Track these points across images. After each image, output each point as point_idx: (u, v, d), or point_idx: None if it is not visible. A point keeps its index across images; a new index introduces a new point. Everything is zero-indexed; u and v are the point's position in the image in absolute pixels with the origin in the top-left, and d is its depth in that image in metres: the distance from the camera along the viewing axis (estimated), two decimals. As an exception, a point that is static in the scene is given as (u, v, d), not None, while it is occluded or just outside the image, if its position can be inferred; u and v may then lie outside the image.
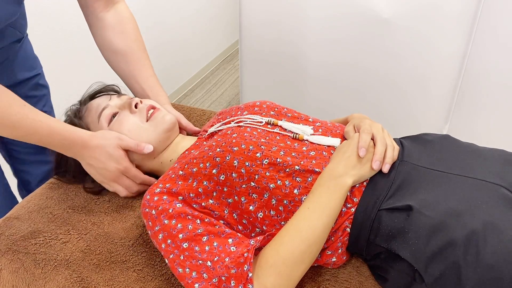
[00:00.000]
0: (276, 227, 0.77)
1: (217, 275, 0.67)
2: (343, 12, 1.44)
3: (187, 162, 0.82)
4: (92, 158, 0.88)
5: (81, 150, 0.87)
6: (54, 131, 0.83)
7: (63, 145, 0.85)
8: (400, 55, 1.44)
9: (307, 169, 0.77)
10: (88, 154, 0.88)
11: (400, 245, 0.69)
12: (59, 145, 0.85)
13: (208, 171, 0.78)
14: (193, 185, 0.78)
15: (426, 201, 0.71)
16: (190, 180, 0.79)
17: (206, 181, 0.78)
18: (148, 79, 1.03)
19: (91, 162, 0.89)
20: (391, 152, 0.79)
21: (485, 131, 1.59)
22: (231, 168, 0.77)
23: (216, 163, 0.78)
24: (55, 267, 0.80)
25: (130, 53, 1.02)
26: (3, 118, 0.78)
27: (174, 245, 0.72)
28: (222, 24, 3.20)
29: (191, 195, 0.78)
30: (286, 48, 1.61)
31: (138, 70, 1.03)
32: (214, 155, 0.79)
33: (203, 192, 0.77)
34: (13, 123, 0.79)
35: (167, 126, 0.94)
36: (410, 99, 1.51)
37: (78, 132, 0.86)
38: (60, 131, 0.83)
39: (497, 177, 0.74)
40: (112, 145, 0.88)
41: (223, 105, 2.71)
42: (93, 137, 0.88)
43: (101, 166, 0.89)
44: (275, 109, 0.94)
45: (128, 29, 1.02)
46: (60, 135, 0.84)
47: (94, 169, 0.90)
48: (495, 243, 0.64)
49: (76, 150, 0.87)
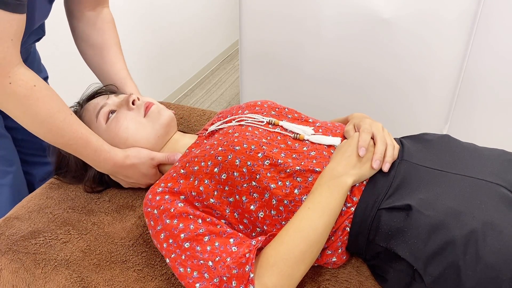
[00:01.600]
0: (276, 226, 0.77)
1: (219, 275, 0.67)
2: (343, 12, 1.43)
3: (188, 161, 0.82)
4: (124, 175, 0.93)
5: (114, 168, 0.90)
6: (90, 146, 0.84)
7: (95, 161, 0.87)
8: (400, 55, 1.43)
9: (307, 169, 0.77)
10: (121, 172, 0.91)
11: (399, 244, 0.70)
12: (92, 159, 0.87)
13: (210, 170, 0.78)
14: (195, 183, 0.78)
15: (425, 200, 0.71)
16: (191, 178, 0.79)
17: (208, 180, 0.78)
18: (120, 72, 1.07)
19: (122, 178, 0.94)
20: (391, 151, 0.79)
21: (485, 131, 1.59)
22: (233, 167, 0.77)
23: (218, 162, 0.78)
24: (55, 267, 0.80)
25: (106, 48, 1.05)
26: (50, 122, 0.78)
27: (175, 244, 0.72)
28: (222, 24, 3.20)
29: (193, 194, 0.78)
30: (286, 48, 1.61)
31: (111, 63, 1.06)
32: (216, 154, 0.79)
33: (204, 191, 0.78)
34: (58, 129, 0.79)
35: (165, 121, 0.94)
36: (410, 99, 1.51)
37: (113, 151, 0.88)
38: (96, 147, 0.85)
39: (497, 177, 0.74)
40: (146, 165, 0.92)
41: (223, 105, 2.71)
42: (127, 158, 0.90)
43: (132, 181, 0.95)
44: (276, 109, 0.94)
45: (107, 28, 1.07)
46: (95, 152, 0.85)
47: (124, 182, 0.96)
48: (494, 242, 0.64)
49: (108, 167, 0.89)
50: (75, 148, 0.84)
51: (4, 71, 0.70)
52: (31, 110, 0.75)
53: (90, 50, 1.06)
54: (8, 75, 0.70)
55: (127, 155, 0.90)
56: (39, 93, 0.75)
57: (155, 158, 0.92)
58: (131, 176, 0.93)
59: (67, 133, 0.81)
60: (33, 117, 0.76)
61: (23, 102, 0.74)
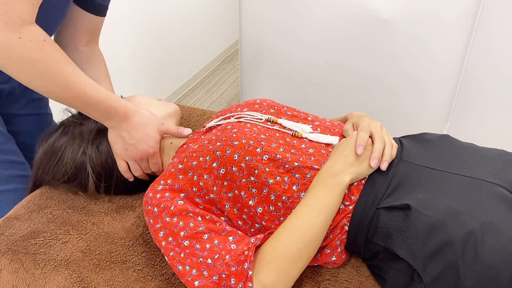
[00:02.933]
0: (275, 222, 0.77)
1: (218, 272, 0.67)
2: (343, 12, 1.44)
3: (186, 156, 0.82)
4: (127, 131, 0.88)
5: (121, 121, 0.86)
6: (99, 96, 0.82)
7: (106, 112, 0.84)
8: (399, 56, 1.44)
9: (306, 165, 0.77)
10: (125, 126, 0.87)
11: (398, 244, 0.70)
12: (103, 111, 0.84)
13: (208, 165, 0.78)
14: (194, 178, 0.79)
15: (424, 200, 0.71)
16: (190, 173, 0.79)
17: (207, 175, 0.78)
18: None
19: (124, 135, 0.88)
20: (390, 149, 0.79)
21: (485, 131, 1.59)
22: (231, 162, 0.77)
23: (217, 157, 0.78)
24: (55, 267, 0.80)
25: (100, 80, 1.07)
26: (59, 75, 0.76)
27: (175, 242, 0.72)
28: (222, 24, 3.20)
29: (193, 189, 0.78)
30: (286, 48, 1.61)
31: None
32: (214, 149, 0.79)
33: (204, 186, 0.78)
34: (66, 81, 0.77)
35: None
36: (410, 99, 1.51)
37: (123, 102, 0.86)
38: (105, 97, 0.82)
39: (496, 177, 0.74)
40: (153, 126, 0.89)
41: (223, 105, 2.71)
42: (137, 113, 0.88)
43: (132, 142, 0.89)
44: (275, 107, 0.95)
45: (102, 64, 1.11)
46: (107, 102, 0.83)
47: (123, 141, 0.89)
48: (493, 243, 0.64)
49: (116, 120, 0.86)
50: (84, 101, 0.81)
51: (15, 27, 0.69)
52: (41, 64, 0.74)
53: None
54: (18, 31, 0.70)
55: (137, 109, 0.88)
56: (48, 47, 0.74)
57: (165, 124, 0.92)
58: (133, 135, 0.88)
59: (76, 85, 0.78)
60: (43, 71, 0.74)
61: (33, 56, 0.72)
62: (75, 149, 0.91)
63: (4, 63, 0.72)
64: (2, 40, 0.68)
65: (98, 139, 0.92)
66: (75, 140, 0.92)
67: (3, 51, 0.69)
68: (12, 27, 0.69)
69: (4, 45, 0.69)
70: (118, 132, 0.88)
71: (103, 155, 0.92)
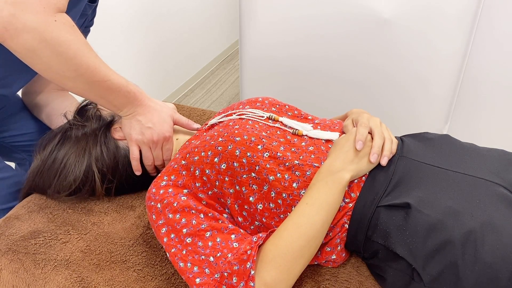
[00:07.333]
0: (275, 219, 0.77)
1: (220, 270, 0.67)
2: (343, 11, 1.44)
3: (189, 152, 0.82)
4: (144, 115, 0.89)
5: (138, 107, 0.88)
6: (122, 82, 0.83)
7: (126, 97, 0.85)
8: (400, 55, 1.43)
9: (306, 163, 0.77)
10: (142, 110, 0.89)
11: (397, 242, 0.70)
12: (124, 96, 0.85)
13: (210, 160, 0.79)
14: (196, 173, 0.79)
15: (424, 199, 0.71)
16: (192, 168, 0.80)
17: (209, 170, 0.78)
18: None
19: (140, 119, 0.89)
20: (389, 145, 0.79)
21: (485, 131, 1.59)
22: (232, 157, 0.77)
23: (218, 152, 0.79)
24: (55, 267, 0.80)
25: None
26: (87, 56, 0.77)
27: (177, 239, 0.73)
28: (222, 24, 3.20)
29: (197, 185, 0.78)
30: (286, 48, 1.61)
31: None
32: (216, 144, 0.80)
33: (207, 181, 0.78)
34: (94, 64, 0.78)
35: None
36: (410, 99, 1.51)
37: (139, 88, 0.89)
38: (126, 82, 0.85)
39: (496, 177, 0.74)
40: (168, 113, 0.92)
41: (223, 105, 2.71)
42: (151, 99, 0.91)
43: (149, 126, 0.90)
44: (276, 105, 0.95)
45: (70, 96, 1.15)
46: (127, 87, 0.85)
47: (139, 125, 0.90)
48: (493, 242, 0.64)
49: (134, 106, 0.88)
50: (109, 85, 0.81)
51: (51, 12, 0.73)
52: (74, 45, 0.75)
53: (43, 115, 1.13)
54: (54, 15, 0.73)
55: (150, 98, 0.91)
56: (78, 31, 0.77)
57: (176, 114, 0.95)
58: (150, 118, 0.90)
59: (102, 68, 0.80)
60: (75, 52, 0.75)
61: (68, 37, 0.74)
62: (80, 153, 0.90)
63: (39, 47, 0.72)
64: (39, 22, 0.70)
65: (104, 136, 0.92)
66: (79, 142, 0.91)
67: (39, 34, 0.71)
68: (49, 11, 0.72)
69: (41, 27, 0.71)
70: (135, 117, 0.89)
71: (111, 151, 0.91)
